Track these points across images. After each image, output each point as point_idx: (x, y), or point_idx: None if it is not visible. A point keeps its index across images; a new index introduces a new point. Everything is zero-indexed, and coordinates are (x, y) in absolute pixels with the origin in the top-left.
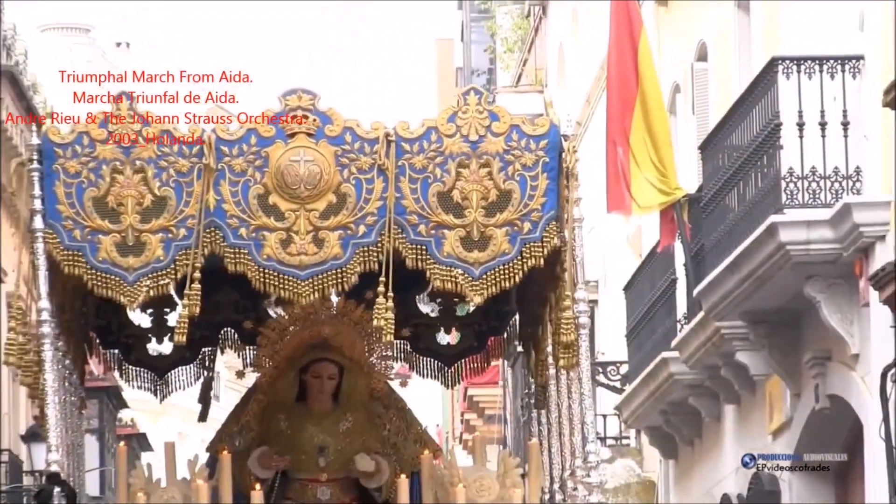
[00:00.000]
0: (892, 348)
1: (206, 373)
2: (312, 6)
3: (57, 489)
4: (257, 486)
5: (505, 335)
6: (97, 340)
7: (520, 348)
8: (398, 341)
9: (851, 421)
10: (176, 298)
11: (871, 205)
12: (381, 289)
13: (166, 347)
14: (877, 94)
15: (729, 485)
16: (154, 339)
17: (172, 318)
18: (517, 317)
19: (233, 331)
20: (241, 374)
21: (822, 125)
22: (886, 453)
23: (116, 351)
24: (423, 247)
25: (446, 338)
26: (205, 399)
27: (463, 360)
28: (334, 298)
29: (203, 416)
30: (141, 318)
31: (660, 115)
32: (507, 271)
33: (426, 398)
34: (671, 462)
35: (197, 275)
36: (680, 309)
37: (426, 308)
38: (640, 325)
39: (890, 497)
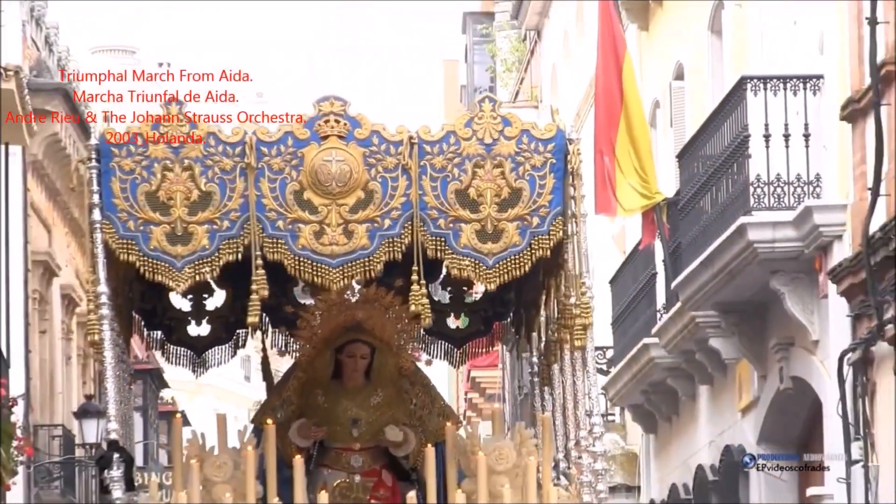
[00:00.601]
0: (848, 335)
1: (262, 352)
2: (312, 6)
3: (116, 455)
4: (298, 455)
5: (508, 320)
6: (142, 322)
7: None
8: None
9: (812, 400)
10: (213, 285)
11: (829, 208)
12: (414, 277)
13: (204, 329)
14: (835, 110)
15: (703, 456)
16: (193, 322)
17: (210, 303)
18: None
19: (265, 314)
20: (282, 353)
21: (786, 137)
22: (843, 429)
23: (160, 332)
24: (443, 239)
25: (455, 322)
26: (268, 376)
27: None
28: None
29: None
30: (182, 303)
31: (642, 128)
32: (517, 261)
33: (433, 379)
34: (651, 436)
35: (259, 261)
36: (659, 300)
37: (437, 296)
38: (624, 314)
39: (846, 467)
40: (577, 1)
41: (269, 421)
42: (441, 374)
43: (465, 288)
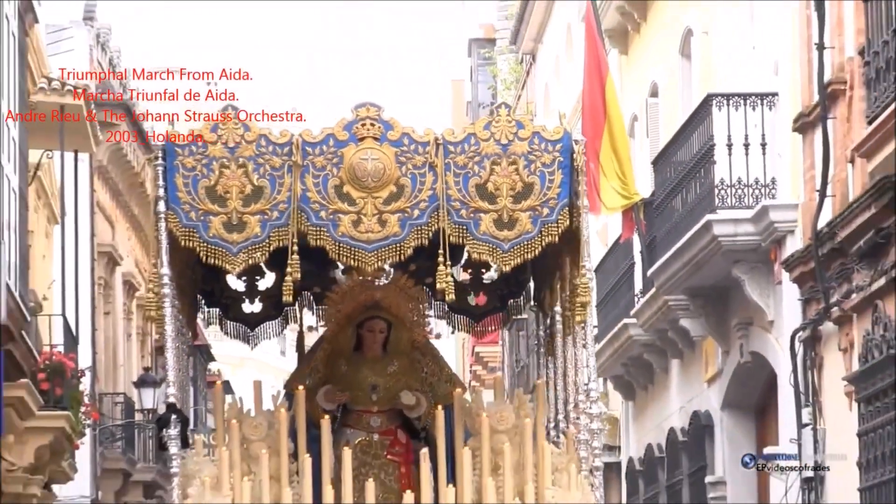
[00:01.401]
0: (799, 316)
1: (298, 328)
2: (312, 6)
3: (174, 416)
4: (325, 416)
5: (521, 298)
6: (203, 301)
7: (522, 316)
8: (438, 302)
9: (768, 372)
10: (264, 268)
11: (783, 207)
12: (440, 259)
13: (257, 307)
14: (788, 123)
15: (674, 420)
16: (247, 301)
17: (262, 284)
18: (532, 284)
19: (308, 294)
20: (310, 329)
21: (746, 146)
22: (795, 397)
23: (218, 309)
24: (465, 227)
25: (474, 299)
26: (301, 347)
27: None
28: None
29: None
30: (237, 284)
31: (622, 138)
32: (529, 246)
33: (443, 354)
34: (630, 403)
35: (295, 248)
36: (637, 286)
37: (458, 277)
38: (607, 298)
39: (797, 430)
40: (566, 29)
41: (300, 387)
42: (449, 349)
43: (483, 270)
